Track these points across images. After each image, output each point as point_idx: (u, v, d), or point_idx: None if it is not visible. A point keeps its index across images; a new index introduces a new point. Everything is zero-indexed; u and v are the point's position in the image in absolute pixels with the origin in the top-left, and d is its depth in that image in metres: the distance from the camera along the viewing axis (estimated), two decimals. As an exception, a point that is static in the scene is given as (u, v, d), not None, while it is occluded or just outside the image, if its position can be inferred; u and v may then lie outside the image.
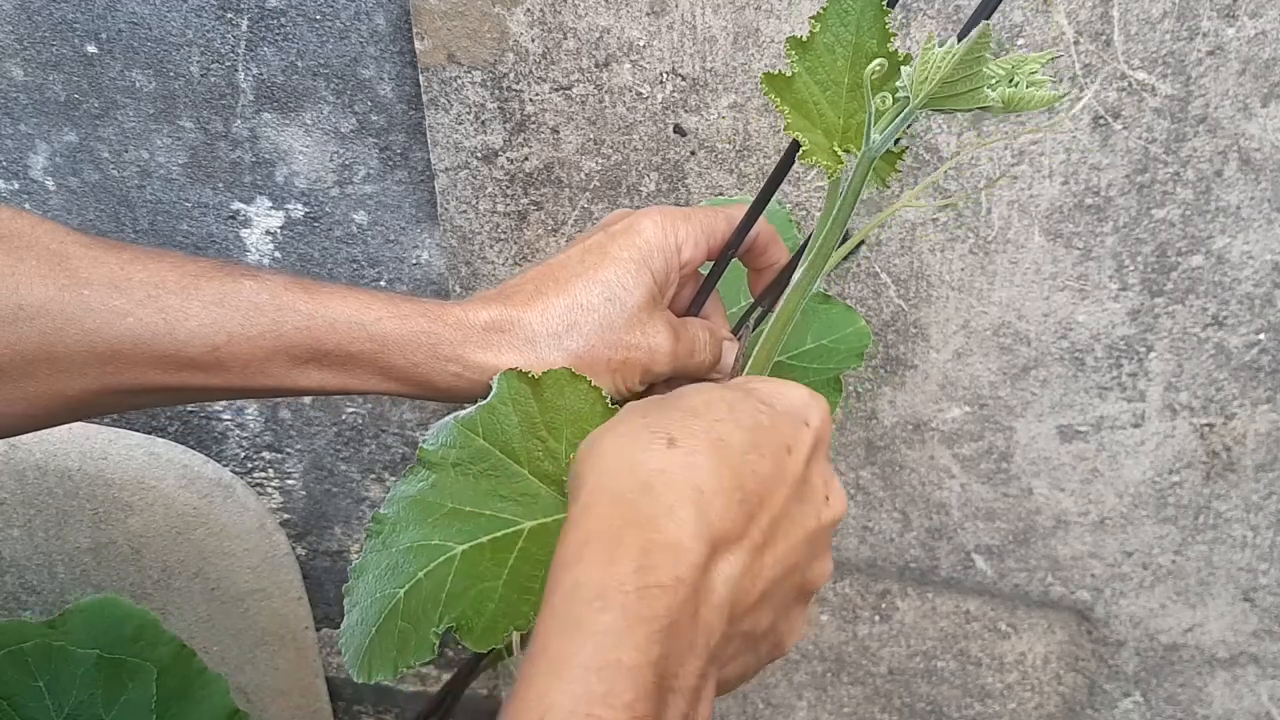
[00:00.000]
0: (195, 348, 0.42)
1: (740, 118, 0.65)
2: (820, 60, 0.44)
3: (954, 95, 0.38)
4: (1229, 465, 0.69)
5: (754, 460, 0.37)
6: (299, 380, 0.44)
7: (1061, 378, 0.68)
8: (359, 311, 0.44)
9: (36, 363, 0.40)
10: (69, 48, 0.76)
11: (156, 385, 0.42)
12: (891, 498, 0.75)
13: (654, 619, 0.32)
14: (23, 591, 0.90)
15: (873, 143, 0.41)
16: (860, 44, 0.44)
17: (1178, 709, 0.78)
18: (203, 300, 0.42)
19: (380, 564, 0.45)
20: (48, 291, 0.40)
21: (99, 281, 0.41)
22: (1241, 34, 0.58)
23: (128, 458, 0.85)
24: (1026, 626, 0.78)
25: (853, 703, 0.85)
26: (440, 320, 0.45)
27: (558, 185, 0.70)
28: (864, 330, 0.58)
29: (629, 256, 0.48)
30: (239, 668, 0.93)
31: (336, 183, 0.78)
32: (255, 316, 0.42)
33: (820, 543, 0.40)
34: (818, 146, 0.44)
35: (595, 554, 0.34)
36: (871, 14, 0.43)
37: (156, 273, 0.42)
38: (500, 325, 0.46)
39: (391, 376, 0.45)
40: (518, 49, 0.66)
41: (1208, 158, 0.61)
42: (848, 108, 0.45)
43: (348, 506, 0.93)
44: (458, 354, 0.45)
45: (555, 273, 0.48)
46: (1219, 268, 0.64)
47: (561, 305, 0.47)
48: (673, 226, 0.49)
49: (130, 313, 0.41)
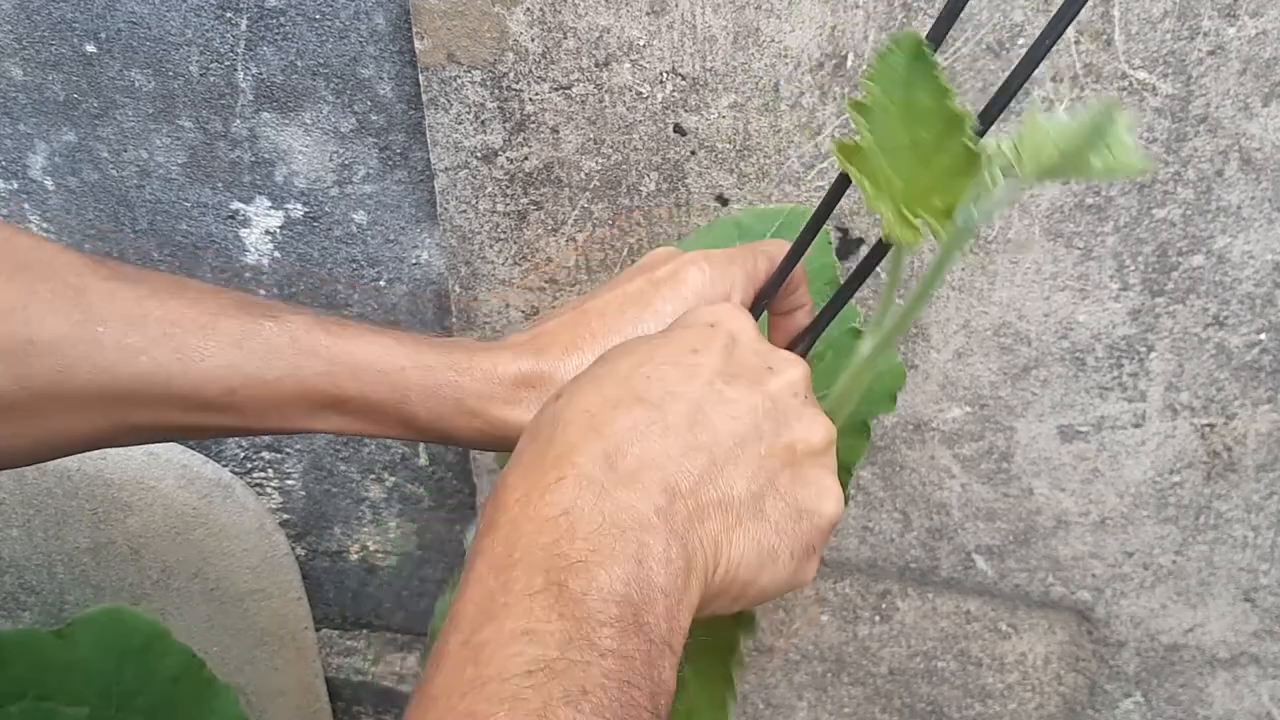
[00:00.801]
0: (211, 390, 0.41)
1: (740, 117, 0.65)
2: (877, 122, 0.41)
3: (1066, 168, 0.36)
4: (1230, 465, 0.69)
5: (647, 369, 0.38)
6: (316, 424, 0.43)
7: (1062, 378, 0.68)
8: (382, 359, 0.43)
9: (46, 399, 0.39)
10: (68, 47, 0.76)
11: (169, 424, 0.41)
12: (892, 498, 0.75)
13: (553, 508, 0.34)
14: (22, 591, 0.90)
15: (969, 219, 0.39)
16: (911, 101, 0.41)
17: (1178, 709, 0.78)
18: (220, 341, 0.41)
19: None
20: (60, 328, 0.39)
21: (114, 318, 0.40)
22: (1242, 34, 0.58)
23: (127, 458, 0.85)
24: (1027, 627, 0.78)
25: (853, 703, 0.85)
26: (467, 374, 0.44)
27: (558, 185, 0.70)
28: (899, 370, 0.56)
29: (672, 310, 0.45)
30: (239, 668, 0.93)
31: (336, 182, 0.78)
32: (274, 360, 0.41)
33: (782, 408, 0.39)
34: (893, 217, 0.42)
35: (516, 485, 0.35)
36: (921, 69, 0.41)
37: (174, 310, 0.41)
38: (530, 380, 0.44)
39: (413, 427, 0.44)
40: (517, 48, 0.66)
41: (1208, 157, 0.61)
42: (909, 169, 0.42)
43: (347, 507, 0.93)
44: (483, 409, 0.44)
45: (591, 322, 0.46)
46: (1220, 267, 0.64)
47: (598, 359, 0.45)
48: (720, 274, 0.47)
49: (145, 351, 0.40)
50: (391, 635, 1.00)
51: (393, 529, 0.94)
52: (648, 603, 0.32)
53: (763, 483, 0.38)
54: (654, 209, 0.70)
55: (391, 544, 0.95)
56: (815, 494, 0.39)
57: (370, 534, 0.94)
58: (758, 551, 0.37)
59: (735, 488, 0.37)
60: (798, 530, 0.38)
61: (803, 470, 0.39)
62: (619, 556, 0.32)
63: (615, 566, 0.32)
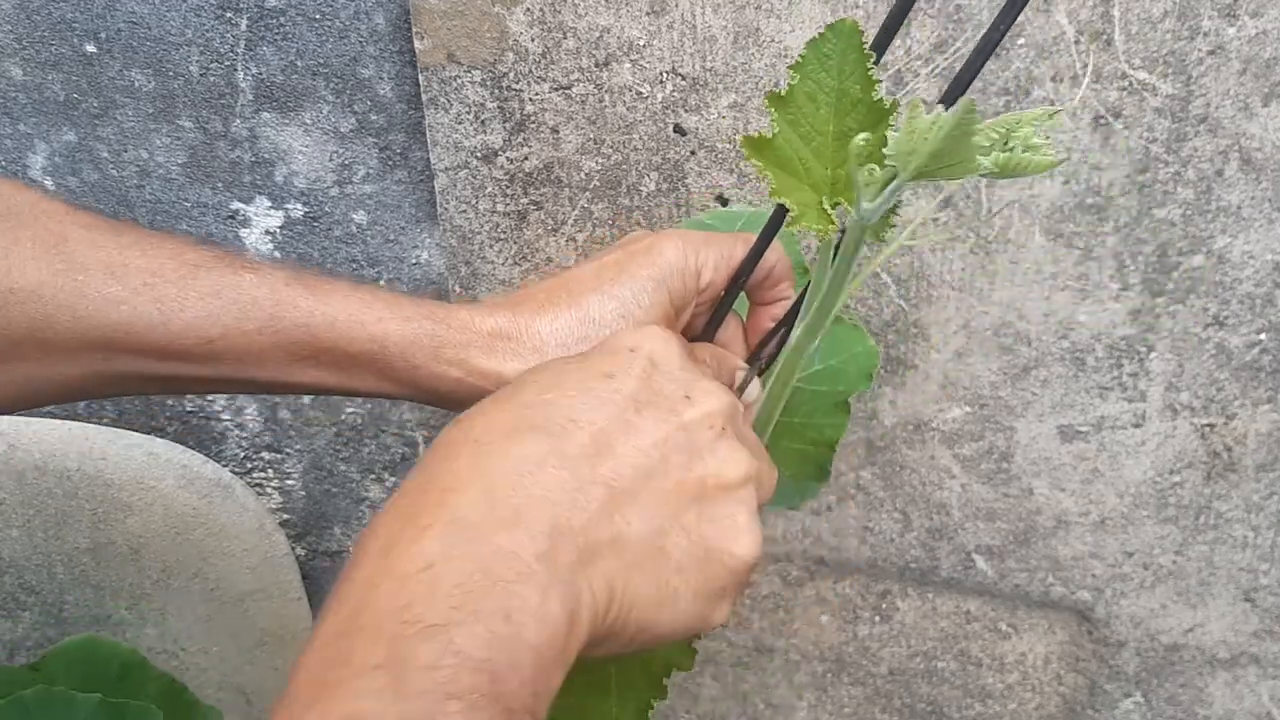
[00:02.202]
0: (189, 339, 0.41)
1: (740, 117, 0.65)
2: (802, 111, 0.42)
3: (945, 166, 0.36)
4: (1230, 465, 0.69)
5: (552, 395, 0.36)
6: (295, 376, 0.43)
7: (1062, 378, 0.68)
8: (360, 310, 0.43)
9: (25, 346, 0.39)
10: (68, 47, 0.76)
11: (148, 374, 0.41)
12: (892, 498, 0.75)
13: (426, 530, 0.31)
14: (21, 592, 0.90)
15: (864, 212, 0.39)
16: (843, 89, 0.41)
17: (1178, 709, 0.78)
18: (200, 292, 0.41)
19: None
20: (41, 275, 0.39)
21: (95, 267, 0.40)
22: (1242, 33, 0.58)
23: (127, 458, 0.85)
24: (1027, 627, 0.78)
25: (853, 703, 0.85)
26: (445, 323, 0.44)
27: (557, 185, 0.70)
28: (872, 350, 0.56)
29: (647, 275, 0.46)
30: (238, 668, 0.93)
31: (336, 182, 0.78)
32: (253, 311, 0.41)
33: (696, 440, 0.37)
34: (807, 207, 0.42)
35: (389, 533, 0.33)
36: (853, 57, 0.41)
37: (155, 260, 0.41)
38: (507, 333, 0.44)
39: (390, 378, 0.44)
40: (517, 48, 0.66)
41: (1209, 157, 0.61)
42: (835, 157, 0.42)
43: (347, 507, 0.93)
44: (461, 358, 0.44)
45: (569, 285, 0.46)
46: (1220, 267, 0.64)
47: (573, 317, 0.45)
48: (694, 250, 0.47)
49: (125, 301, 0.40)
50: (391, 635, 1.00)
51: (393, 529, 0.94)
52: (512, 665, 0.29)
53: (665, 519, 0.35)
54: (654, 209, 0.70)
55: (391, 544, 0.95)
56: (725, 532, 0.37)
57: (370, 534, 0.94)
58: (656, 592, 0.35)
59: (633, 524, 0.34)
60: (704, 571, 0.36)
61: (713, 506, 0.37)
62: (484, 614, 0.29)
63: (477, 625, 0.29)
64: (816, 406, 0.56)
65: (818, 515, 0.77)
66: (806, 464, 0.56)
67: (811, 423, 0.56)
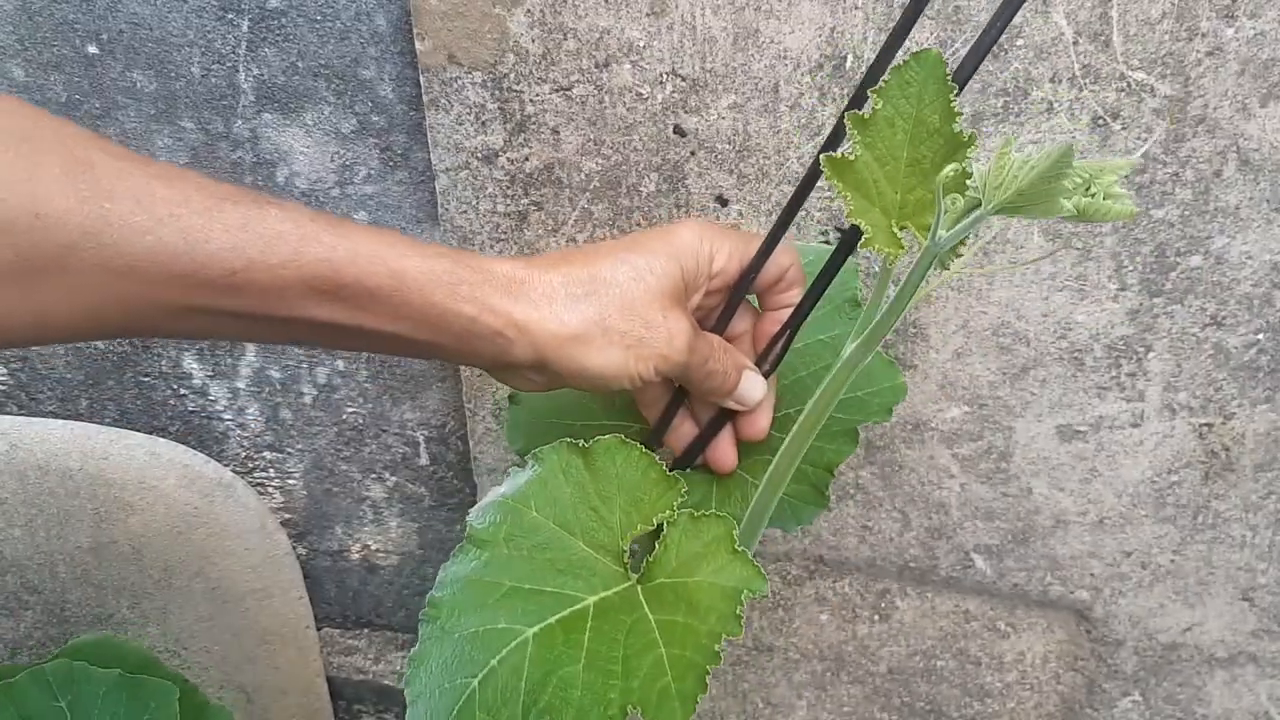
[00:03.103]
0: (213, 270, 0.41)
1: (740, 118, 0.66)
2: (880, 135, 0.42)
3: (1029, 205, 0.37)
4: (1228, 465, 0.69)
5: None
6: (313, 312, 0.43)
7: (1060, 378, 0.69)
8: (383, 247, 0.44)
9: (48, 272, 0.38)
10: (70, 48, 0.77)
11: (167, 305, 0.41)
12: (891, 497, 0.76)
13: None
14: (24, 591, 0.91)
15: (939, 239, 0.40)
16: (921, 118, 0.42)
17: (1176, 708, 0.78)
18: (226, 224, 0.41)
19: (444, 652, 0.44)
20: (68, 202, 0.38)
21: (122, 195, 0.39)
22: (1240, 34, 0.58)
23: (129, 458, 0.85)
24: (1026, 626, 0.79)
25: (852, 702, 0.85)
26: (463, 264, 0.45)
27: (558, 186, 0.70)
28: (901, 386, 0.57)
29: (661, 249, 0.48)
30: (239, 667, 0.93)
31: (337, 183, 0.78)
32: (277, 245, 0.42)
33: None
34: (878, 229, 0.42)
35: None
36: (935, 87, 0.41)
37: (181, 191, 0.41)
38: (521, 279, 0.46)
39: (406, 315, 0.44)
40: (518, 50, 0.66)
41: (1206, 158, 0.61)
42: (906, 183, 0.43)
43: (349, 506, 0.93)
44: (476, 295, 0.45)
45: (585, 251, 0.49)
46: (1218, 268, 0.64)
47: (585, 274, 0.47)
48: (710, 236, 0.49)
49: (151, 230, 0.39)
50: (392, 634, 1.00)
51: (394, 528, 0.94)
52: None
53: None
54: (654, 210, 0.70)
55: (392, 543, 0.95)
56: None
57: (371, 533, 0.95)
58: None
59: None
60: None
61: None
62: None
63: None
64: (828, 431, 0.56)
65: (817, 514, 0.78)
66: (803, 484, 0.56)
67: (818, 445, 0.56)
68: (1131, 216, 0.37)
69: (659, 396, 0.55)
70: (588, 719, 0.42)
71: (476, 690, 0.43)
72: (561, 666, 0.44)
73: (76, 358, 0.88)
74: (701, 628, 0.43)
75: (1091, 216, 0.37)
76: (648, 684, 0.43)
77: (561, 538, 0.47)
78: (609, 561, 0.47)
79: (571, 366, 0.46)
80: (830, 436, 0.56)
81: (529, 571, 0.46)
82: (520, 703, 0.43)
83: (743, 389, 0.52)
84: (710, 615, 0.44)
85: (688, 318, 0.48)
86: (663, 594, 0.46)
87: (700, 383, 0.50)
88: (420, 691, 0.43)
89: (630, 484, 0.48)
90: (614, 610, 0.46)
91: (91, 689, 0.71)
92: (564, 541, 0.47)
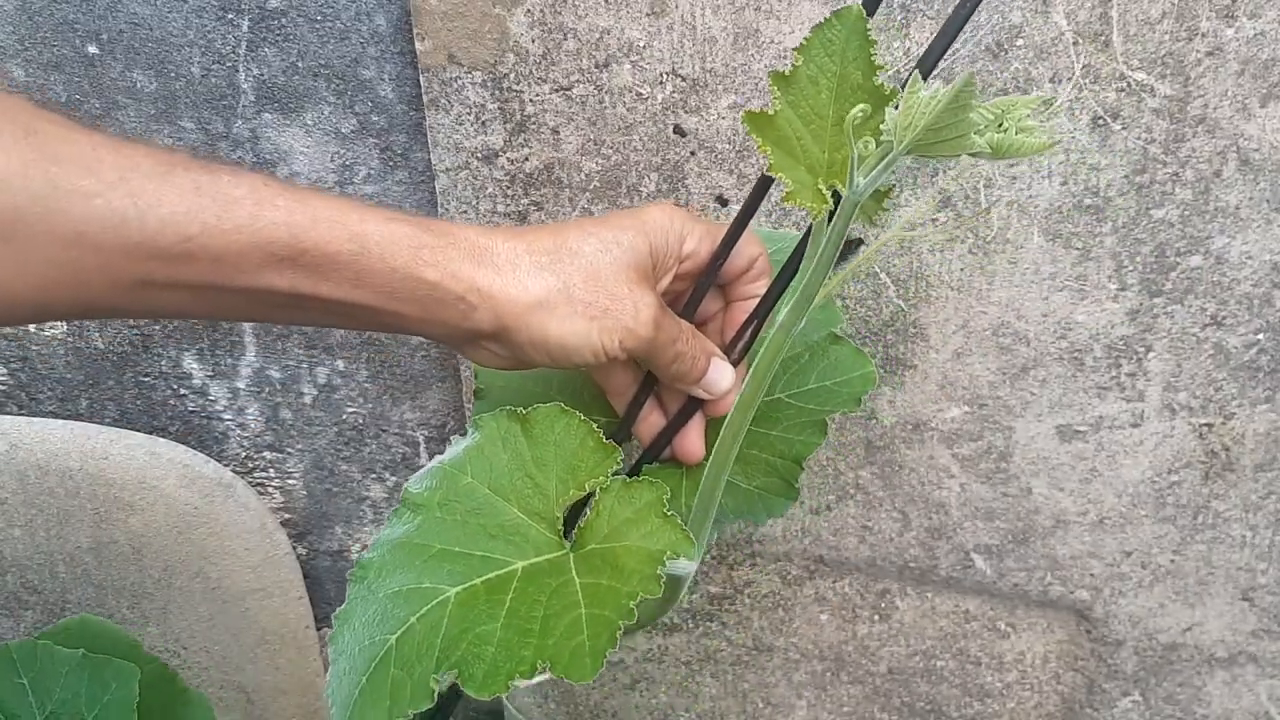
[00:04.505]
0: (167, 237, 0.39)
1: (740, 118, 0.66)
2: (803, 93, 0.42)
3: (940, 142, 0.37)
4: (1228, 465, 0.69)
5: None
6: (272, 280, 0.42)
7: (1060, 378, 0.69)
8: (342, 211, 0.42)
9: None
10: (70, 48, 0.77)
11: (120, 277, 0.39)
12: (891, 497, 0.76)
13: None
14: (24, 591, 0.91)
15: (857, 187, 0.40)
16: (845, 75, 0.42)
17: (1176, 708, 0.78)
18: (178, 188, 0.39)
19: (367, 611, 0.44)
20: (11, 165, 0.36)
21: (68, 159, 0.38)
22: (1240, 34, 0.58)
23: (129, 458, 0.85)
24: (1026, 626, 0.79)
25: (852, 702, 0.85)
26: (426, 229, 0.44)
27: (558, 185, 0.70)
28: (870, 375, 0.56)
29: (630, 224, 0.48)
30: (239, 667, 0.93)
31: (337, 183, 0.78)
32: (232, 209, 0.40)
33: None
34: (801, 185, 0.43)
35: None
36: (857, 44, 0.41)
37: (130, 157, 0.39)
38: (486, 245, 0.45)
39: (367, 283, 0.43)
40: (518, 50, 0.66)
41: (1206, 158, 0.61)
42: (832, 141, 0.43)
43: (348, 506, 0.93)
44: (439, 260, 0.44)
45: (552, 225, 0.48)
46: (1218, 268, 0.64)
47: (551, 243, 0.46)
48: (681, 218, 0.49)
49: (99, 195, 0.38)
50: (392, 634, 1.00)
51: (393, 528, 0.94)
52: None
53: None
54: (654, 209, 0.70)
55: (392, 543, 0.95)
56: None
57: (371, 533, 0.95)
58: None
59: None
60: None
61: None
62: None
63: None
64: (796, 422, 0.56)
65: (817, 514, 0.78)
66: (772, 476, 0.56)
67: (786, 436, 0.56)
68: (1045, 149, 0.37)
69: (628, 385, 0.54)
70: (499, 673, 0.42)
71: (394, 646, 0.43)
72: (479, 625, 0.43)
73: (76, 358, 0.88)
74: (623, 589, 0.43)
75: (1005, 152, 0.36)
76: (562, 641, 0.43)
77: (495, 503, 0.47)
78: (543, 528, 0.47)
79: (534, 335, 0.46)
80: (799, 428, 0.56)
81: (460, 536, 0.46)
82: (434, 658, 0.42)
83: (711, 376, 0.51)
84: (633, 577, 0.44)
85: (655, 295, 0.48)
86: (592, 559, 0.46)
87: (668, 366, 0.50)
88: (342, 649, 0.43)
89: (568, 452, 0.48)
90: (542, 574, 0.45)
91: (55, 668, 0.72)
92: (498, 507, 0.47)
